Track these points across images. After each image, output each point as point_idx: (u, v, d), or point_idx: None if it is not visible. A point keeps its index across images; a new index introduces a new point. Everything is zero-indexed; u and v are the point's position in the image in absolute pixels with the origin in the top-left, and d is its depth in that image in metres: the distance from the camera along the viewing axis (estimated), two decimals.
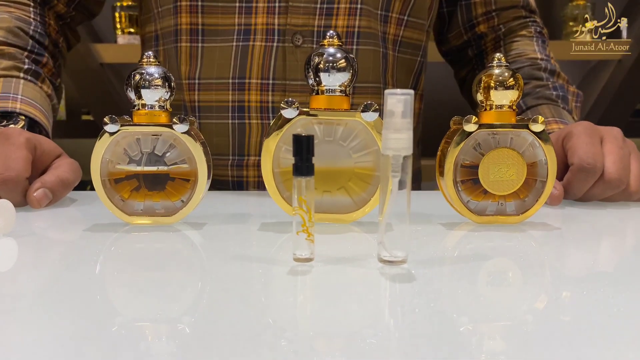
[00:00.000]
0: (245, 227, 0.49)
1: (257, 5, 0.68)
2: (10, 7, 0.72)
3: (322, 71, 0.46)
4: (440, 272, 0.37)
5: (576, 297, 0.33)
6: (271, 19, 0.68)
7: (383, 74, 0.72)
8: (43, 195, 0.53)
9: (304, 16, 0.68)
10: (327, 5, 0.68)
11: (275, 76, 0.69)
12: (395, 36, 0.73)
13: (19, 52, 0.70)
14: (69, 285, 0.34)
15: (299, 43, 0.68)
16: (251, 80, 0.69)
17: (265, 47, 0.68)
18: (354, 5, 0.68)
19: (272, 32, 0.68)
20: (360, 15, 0.68)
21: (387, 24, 0.72)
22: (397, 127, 0.34)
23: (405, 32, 0.74)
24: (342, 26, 0.69)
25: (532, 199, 0.50)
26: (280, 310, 0.30)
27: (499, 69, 0.48)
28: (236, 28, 0.68)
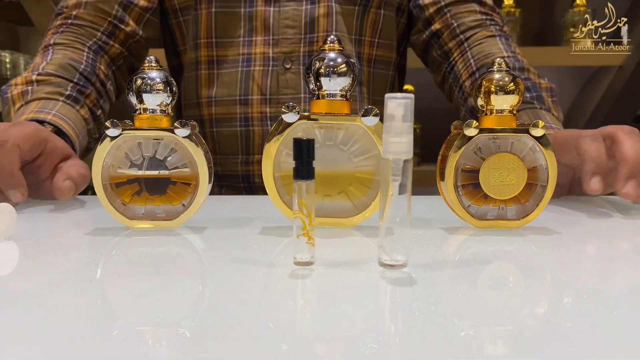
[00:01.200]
0: (245, 231, 0.49)
1: (256, 39, 0.87)
2: (65, 50, 0.83)
3: (322, 76, 0.46)
4: (441, 276, 0.37)
5: (577, 302, 0.33)
6: (267, 49, 0.87)
7: (359, 86, 0.90)
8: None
9: (291, 45, 0.86)
10: (309, 35, 0.86)
11: (271, 92, 0.87)
12: (369, 55, 0.91)
13: (65, 82, 0.79)
14: (69, 289, 0.34)
15: (288, 66, 0.86)
16: (253, 96, 0.87)
17: (263, 70, 0.87)
18: (330, 33, 0.86)
19: (267, 59, 0.87)
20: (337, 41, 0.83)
21: (361, 46, 0.90)
22: (397, 130, 0.34)
23: (378, 51, 0.91)
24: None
25: (533, 204, 0.50)
26: (281, 313, 0.30)
27: (499, 74, 0.48)
28: (241, 57, 0.87)
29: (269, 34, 0.86)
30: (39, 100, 0.74)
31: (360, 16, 0.88)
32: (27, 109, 0.72)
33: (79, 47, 0.84)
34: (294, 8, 0.86)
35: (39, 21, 1.44)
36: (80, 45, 0.84)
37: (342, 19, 0.86)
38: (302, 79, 0.86)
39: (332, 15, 0.86)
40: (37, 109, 0.72)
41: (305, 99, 0.86)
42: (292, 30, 0.86)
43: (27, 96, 0.75)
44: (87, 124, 0.78)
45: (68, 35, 0.85)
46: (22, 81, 0.78)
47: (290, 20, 0.86)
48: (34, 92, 0.76)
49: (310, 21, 0.86)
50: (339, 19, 0.86)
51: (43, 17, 1.44)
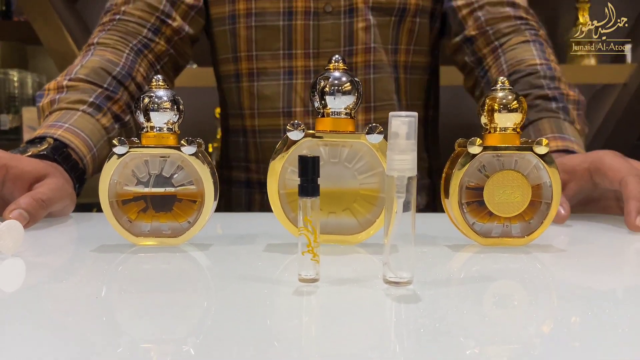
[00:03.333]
0: (251, 248, 0.49)
1: (296, 52, 0.88)
2: (105, 51, 0.82)
3: (327, 94, 0.47)
4: (446, 293, 0.37)
5: (583, 320, 0.32)
6: (307, 62, 0.88)
7: (396, 93, 0.91)
8: (19, 216, 0.54)
9: None
10: (348, 47, 0.88)
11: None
12: (406, 62, 0.92)
13: (93, 88, 0.78)
14: (75, 306, 0.34)
15: None
16: (296, 108, 0.89)
17: (305, 83, 0.88)
18: (368, 45, 0.88)
19: (309, 72, 0.88)
20: (374, 52, 0.88)
21: (397, 54, 0.91)
22: (401, 148, 0.35)
23: (413, 58, 0.92)
24: (361, 61, 0.88)
25: (538, 221, 0.50)
26: (286, 331, 0.30)
27: (502, 92, 0.48)
28: (282, 70, 0.88)
29: (308, 47, 0.88)
30: (59, 111, 0.74)
31: (397, 26, 0.90)
32: (47, 120, 0.73)
33: (120, 47, 0.83)
34: (332, 22, 0.87)
35: (48, 40, 1.46)
36: (122, 46, 0.84)
37: (379, 30, 0.88)
38: None
39: (370, 27, 0.87)
40: (52, 122, 0.72)
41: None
42: (332, 43, 0.87)
43: (54, 105, 0.76)
44: (107, 133, 0.77)
45: (113, 33, 0.84)
46: (54, 86, 0.78)
47: (330, 34, 0.87)
48: (60, 100, 0.76)
49: (349, 34, 0.87)
50: (375, 31, 0.88)
51: (51, 36, 1.46)
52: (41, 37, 1.46)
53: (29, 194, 0.57)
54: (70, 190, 0.65)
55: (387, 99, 0.90)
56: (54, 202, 0.59)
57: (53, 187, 0.60)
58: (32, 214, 0.56)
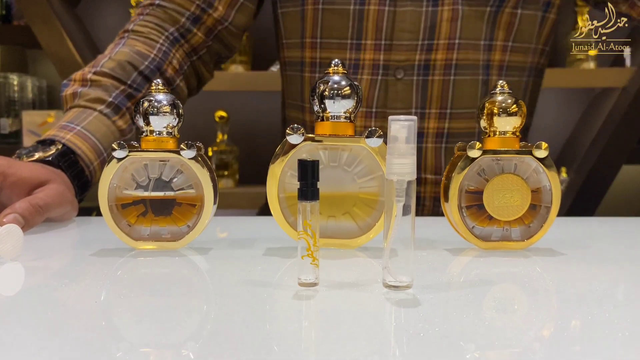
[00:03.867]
0: (250, 252, 0.49)
1: (365, 42, 0.76)
2: (137, 41, 0.78)
3: (327, 98, 0.47)
4: (446, 297, 0.37)
5: (583, 324, 0.32)
6: (377, 55, 0.76)
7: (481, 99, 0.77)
8: (13, 219, 0.54)
9: (406, 52, 0.76)
10: (427, 41, 0.75)
11: (378, 105, 0.78)
12: (501, 62, 0.78)
13: (115, 85, 0.75)
14: (74, 310, 0.34)
15: (400, 76, 0.76)
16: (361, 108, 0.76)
17: (371, 80, 0.77)
18: (452, 41, 0.75)
19: (377, 67, 0.77)
20: (459, 49, 0.75)
21: (492, 52, 0.77)
22: (401, 152, 0.35)
23: (511, 56, 0.79)
24: (441, 59, 0.76)
25: (537, 225, 0.50)
26: (285, 335, 0.30)
27: (501, 96, 0.48)
28: (347, 62, 0.78)
29: (380, 37, 0.76)
30: (77, 109, 0.72)
31: (492, 18, 0.76)
32: (64, 117, 0.71)
33: (154, 37, 0.78)
34: (412, 9, 0.75)
35: (48, 44, 1.46)
36: (157, 35, 0.78)
37: (469, 23, 0.75)
38: (414, 92, 0.76)
39: (457, 19, 0.75)
40: (66, 121, 0.70)
41: (416, 114, 0.76)
42: (409, 34, 0.75)
43: (75, 98, 0.73)
44: (123, 135, 0.75)
45: (149, 20, 0.79)
46: (79, 77, 0.75)
47: (408, 23, 0.75)
48: (81, 95, 0.73)
49: (431, 25, 0.75)
50: (464, 23, 0.75)
51: (51, 40, 1.46)
52: (41, 41, 1.46)
53: (26, 199, 0.57)
54: (71, 197, 0.64)
55: (468, 107, 0.78)
56: (52, 208, 0.59)
57: (52, 193, 0.60)
58: (27, 219, 0.55)
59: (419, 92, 0.76)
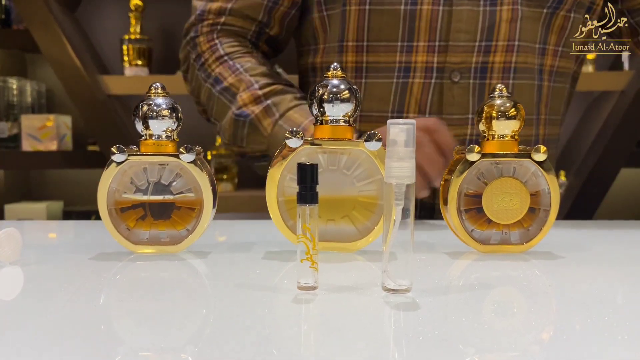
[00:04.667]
0: (249, 255, 0.49)
1: (417, 44, 0.72)
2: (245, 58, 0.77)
3: (326, 102, 0.47)
4: (445, 301, 0.37)
5: (582, 327, 0.32)
6: (431, 57, 0.72)
7: (537, 105, 0.75)
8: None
9: (462, 54, 0.72)
10: (485, 42, 0.71)
11: (432, 110, 0.73)
12: (551, 67, 0.76)
13: (285, 88, 0.74)
14: (73, 314, 0.34)
15: (456, 79, 0.72)
16: (409, 114, 0.73)
17: (424, 83, 0.72)
18: (511, 42, 0.71)
19: (430, 70, 0.72)
20: (518, 52, 0.72)
21: (544, 56, 0.75)
22: (399, 155, 0.35)
23: (560, 62, 0.76)
24: (499, 62, 0.72)
25: (536, 228, 0.50)
26: (284, 339, 0.30)
27: (500, 100, 0.49)
28: (397, 65, 0.73)
29: (434, 38, 0.72)
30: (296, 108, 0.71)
31: (547, 21, 0.73)
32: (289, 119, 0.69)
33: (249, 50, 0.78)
34: (469, 9, 0.71)
35: (47, 48, 1.46)
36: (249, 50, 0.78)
37: (527, 24, 0.72)
38: (470, 96, 0.72)
39: (516, 20, 0.71)
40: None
41: (472, 120, 0.72)
42: (466, 35, 0.71)
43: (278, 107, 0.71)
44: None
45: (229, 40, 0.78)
46: (249, 100, 0.73)
47: (464, 23, 0.71)
48: (280, 103, 0.71)
49: (490, 26, 0.71)
50: (523, 25, 0.71)
51: (51, 44, 1.46)
52: (40, 45, 1.46)
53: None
54: None
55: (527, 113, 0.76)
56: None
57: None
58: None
59: (476, 96, 0.72)
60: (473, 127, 0.72)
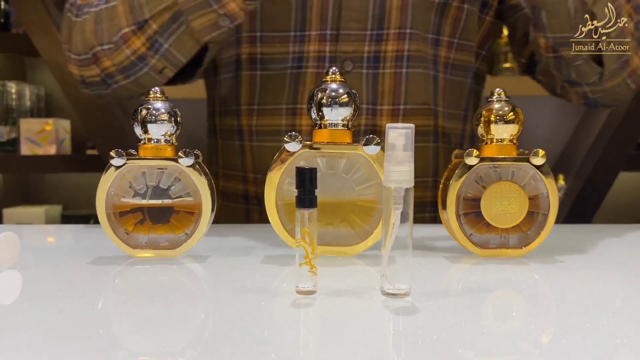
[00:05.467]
0: (248, 259, 0.49)
1: (310, 33, 0.70)
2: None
3: (324, 106, 0.47)
4: (444, 304, 0.37)
5: (581, 330, 0.32)
6: (323, 46, 0.70)
7: (433, 96, 0.74)
8: None
9: (354, 43, 0.70)
10: (377, 31, 0.70)
11: None
12: (446, 59, 0.74)
13: None
14: (72, 318, 0.34)
15: (349, 69, 0.71)
16: (304, 105, 0.71)
17: (317, 73, 0.70)
18: (403, 30, 0.70)
19: (323, 59, 0.70)
20: (410, 40, 0.71)
21: (438, 47, 0.73)
22: (398, 159, 0.35)
23: (456, 54, 0.75)
24: (391, 51, 0.71)
25: (535, 232, 0.50)
26: (283, 343, 0.30)
27: (498, 104, 0.49)
28: (290, 56, 0.71)
29: (325, 27, 0.70)
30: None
31: (440, 11, 0.72)
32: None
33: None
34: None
35: (46, 52, 1.46)
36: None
37: (418, 13, 0.71)
38: (364, 86, 0.70)
39: (407, 8, 0.70)
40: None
41: (368, 110, 0.71)
42: (357, 24, 0.69)
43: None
44: None
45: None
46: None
47: (355, 11, 0.69)
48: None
49: (380, 14, 0.70)
50: (415, 13, 0.70)
51: (49, 48, 1.46)
52: (39, 49, 1.46)
53: None
54: None
55: (421, 103, 0.72)
56: None
57: None
58: None
59: (370, 86, 0.71)
60: (367, 117, 0.70)
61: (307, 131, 0.72)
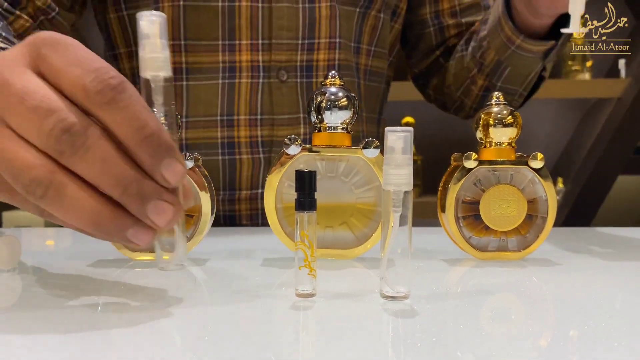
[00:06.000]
0: (247, 262, 0.49)
1: (240, 42, 0.69)
2: None
3: (324, 109, 0.47)
4: (443, 307, 0.37)
5: (580, 333, 0.32)
6: (255, 55, 0.70)
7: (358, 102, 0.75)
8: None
9: (287, 52, 0.71)
10: (308, 40, 0.71)
11: (263, 111, 0.71)
12: (365, 66, 0.77)
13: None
14: (70, 322, 0.34)
15: (284, 78, 0.71)
16: (239, 116, 0.71)
17: (251, 83, 0.70)
18: (333, 40, 0.72)
19: (257, 69, 0.70)
20: (340, 49, 0.72)
21: (359, 55, 0.76)
22: (397, 163, 0.35)
23: (373, 61, 0.78)
24: (323, 60, 0.72)
25: (534, 235, 0.50)
26: (282, 346, 0.30)
27: (497, 107, 0.49)
28: (221, 66, 0.70)
29: (257, 36, 0.70)
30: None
31: (360, 20, 0.75)
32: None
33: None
34: (289, 5, 0.70)
35: None
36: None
37: (344, 22, 0.73)
38: (299, 95, 0.72)
39: (335, 17, 0.71)
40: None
41: (304, 120, 0.72)
42: (288, 33, 0.70)
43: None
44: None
45: None
46: None
47: (285, 20, 0.70)
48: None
49: (310, 23, 0.71)
50: (342, 22, 0.72)
51: None
52: None
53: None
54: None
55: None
56: None
57: None
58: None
59: (304, 94, 0.72)
60: (306, 126, 0.72)
61: (245, 142, 0.71)
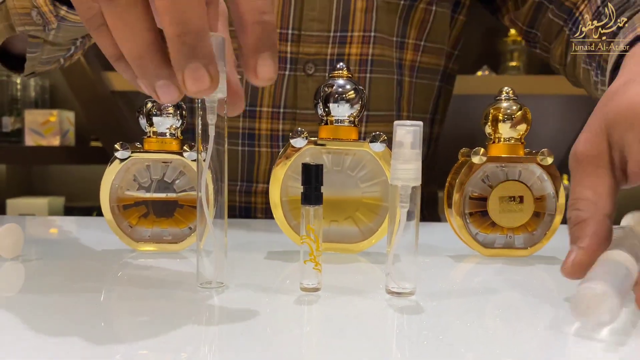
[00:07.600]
0: (252, 255, 0.49)
1: None
2: None
3: (331, 102, 0.46)
4: (449, 304, 0.36)
5: (587, 333, 0.32)
6: (283, 46, 0.68)
7: (397, 101, 0.72)
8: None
9: (316, 45, 0.69)
10: (340, 33, 0.68)
11: (286, 104, 0.70)
12: (413, 62, 0.73)
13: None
14: (73, 311, 0.34)
15: (310, 72, 0.69)
16: (262, 108, 0.70)
17: (279, 75, 0.67)
18: (367, 34, 0.68)
19: (283, 60, 0.68)
20: (374, 43, 0.69)
21: (404, 50, 0.72)
22: (406, 157, 0.34)
23: (423, 57, 0.73)
24: (355, 54, 0.69)
25: (541, 233, 0.49)
26: (286, 341, 0.30)
27: (506, 102, 0.48)
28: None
29: (286, 26, 0.68)
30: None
31: (406, 13, 0.71)
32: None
33: None
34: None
35: None
36: None
37: (383, 15, 0.69)
38: None
39: (372, 10, 0.68)
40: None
41: None
42: (319, 25, 0.68)
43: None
44: None
45: None
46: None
47: (317, 12, 0.67)
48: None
49: (344, 15, 0.68)
50: (380, 15, 0.69)
51: None
52: None
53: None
54: None
55: (384, 109, 0.71)
56: None
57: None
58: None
59: None
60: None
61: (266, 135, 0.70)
